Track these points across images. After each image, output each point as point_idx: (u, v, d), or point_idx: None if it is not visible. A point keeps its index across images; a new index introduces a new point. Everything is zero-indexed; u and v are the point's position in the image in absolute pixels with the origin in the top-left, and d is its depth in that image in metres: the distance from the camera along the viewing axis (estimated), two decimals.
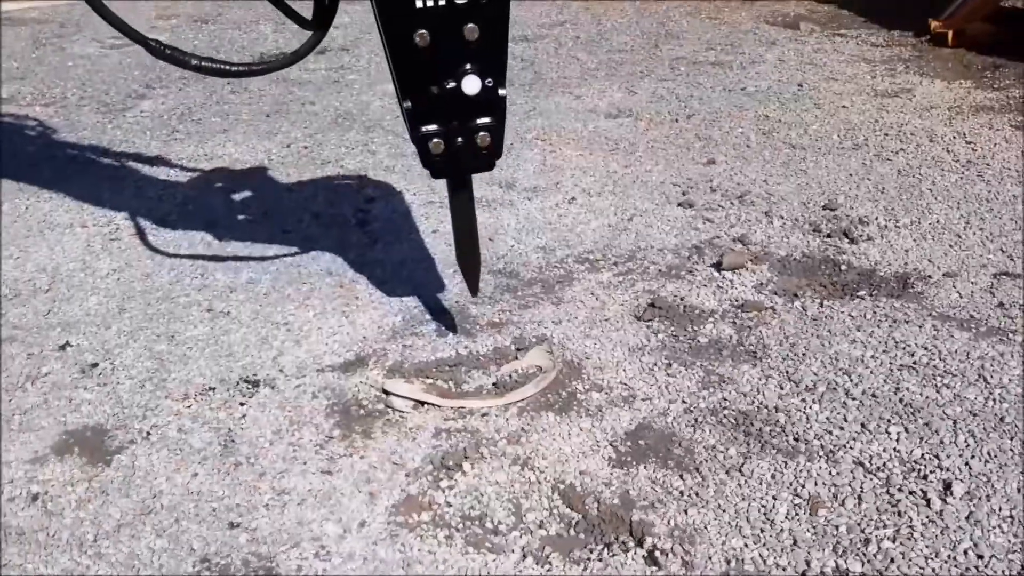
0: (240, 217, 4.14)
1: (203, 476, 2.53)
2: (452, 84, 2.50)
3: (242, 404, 2.83)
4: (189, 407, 2.83)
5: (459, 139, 2.61)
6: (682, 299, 3.34)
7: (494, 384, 2.90)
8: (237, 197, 4.34)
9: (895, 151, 4.73)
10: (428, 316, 3.29)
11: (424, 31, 2.42)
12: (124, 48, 6.97)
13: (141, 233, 3.93)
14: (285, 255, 3.75)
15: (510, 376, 2.91)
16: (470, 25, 2.43)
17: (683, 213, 4.07)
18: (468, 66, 2.49)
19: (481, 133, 2.61)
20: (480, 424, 2.70)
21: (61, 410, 2.82)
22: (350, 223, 4.07)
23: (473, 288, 3.11)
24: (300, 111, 5.59)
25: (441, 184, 4.35)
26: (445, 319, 3.26)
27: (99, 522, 2.39)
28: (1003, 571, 2.09)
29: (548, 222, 4.03)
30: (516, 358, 3.03)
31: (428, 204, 4.24)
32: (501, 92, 2.57)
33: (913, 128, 5.05)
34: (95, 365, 3.03)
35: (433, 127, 2.58)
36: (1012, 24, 7.04)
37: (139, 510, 2.41)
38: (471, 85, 2.50)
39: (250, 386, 2.92)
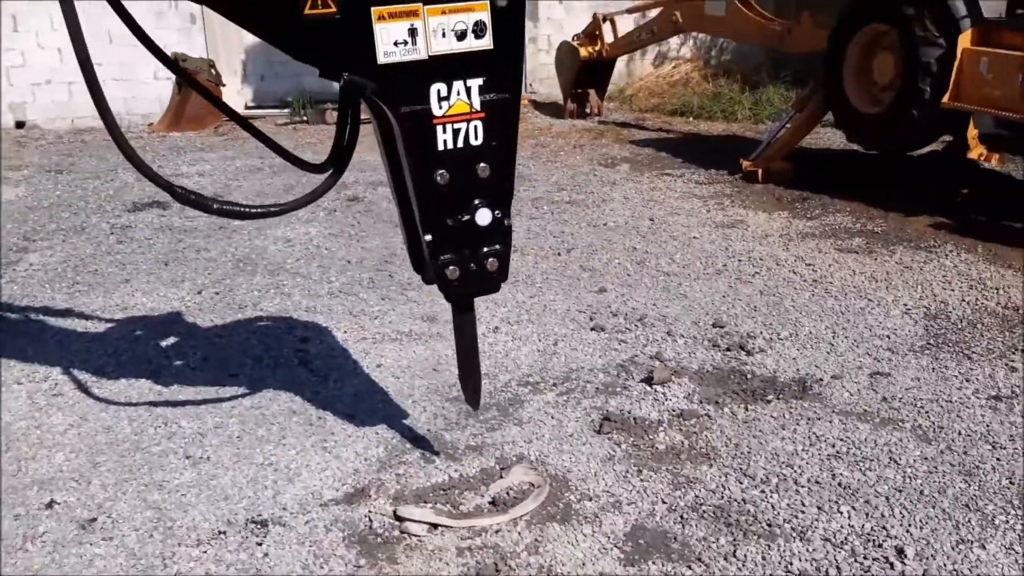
0: (178, 363, 4.20)
1: None
2: (467, 217, 2.85)
3: (259, 544, 2.93)
4: (206, 552, 2.90)
5: (472, 265, 2.94)
6: (629, 413, 3.76)
7: (491, 502, 3.17)
8: (168, 345, 4.40)
9: (751, 274, 5.47)
10: (408, 445, 3.52)
11: (444, 171, 2.77)
12: None
13: (83, 387, 3.92)
14: (241, 397, 3.86)
15: (507, 493, 3.19)
16: (482, 164, 2.81)
17: (598, 336, 4.54)
18: (480, 200, 2.86)
19: (490, 259, 2.96)
20: (497, 540, 2.96)
21: (74, 567, 2.81)
22: (292, 363, 4.24)
23: (475, 402, 3.39)
24: (197, 258, 5.69)
25: (368, 321, 4.65)
26: (425, 446, 3.50)
27: None
28: None
29: (482, 351, 4.33)
30: (501, 476, 3.32)
31: (361, 340, 4.48)
32: (507, 222, 2.94)
33: (759, 254, 5.85)
34: (93, 520, 3.03)
35: (449, 255, 2.91)
36: (806, 162, 8.24)
37: None
38: (483, 217, 2.86)
39: (259, 526, 3.02)
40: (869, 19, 7.22)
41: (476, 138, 2.76)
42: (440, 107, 2.69)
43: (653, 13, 10.34)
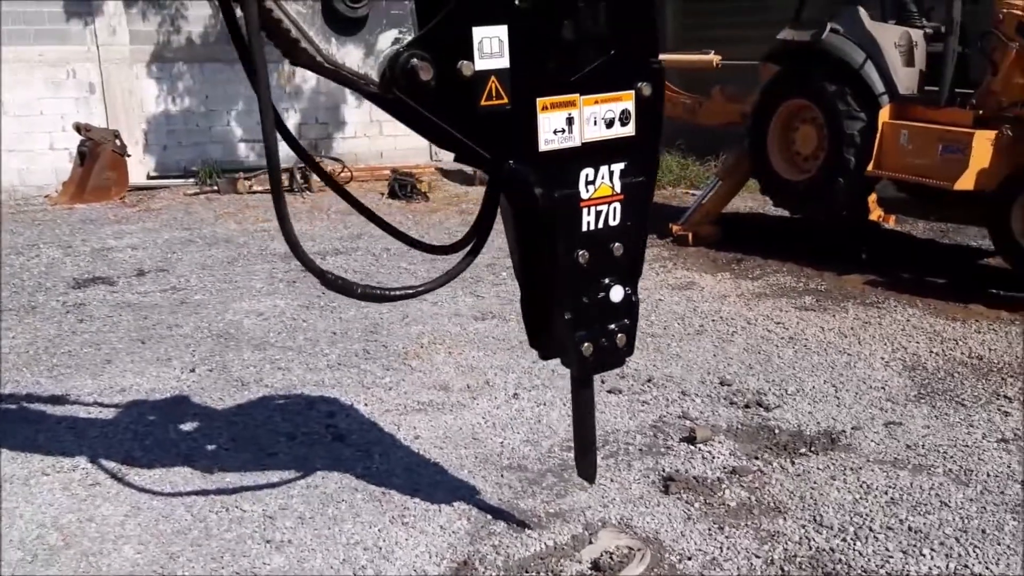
0: (210, 447, 4.01)
1: None
2: (602, 294, 2.93)
3: None
4: None
5: (603, 340, 3.00)
6: (687, 472, 3.87)
7: (595, 567, 3.19)
8: (190, 428, 4.19)
9: (730, 333, 5.73)
10: (488, 516, 3.49)
11: (585, 251, 2.85)
12: None
13: (118, 476, 3.69)
14: (297, 479, 3.73)
15: (610, 558, 3.22)
16: (617, 244, 2.91)
17: (619, 399, 4.65)
18: (613, 278, 2.95)
19: (620, 334, 3.03)
20: None
21: None
22: (327, 439, 4.13)
23: (591, 477, 3.40)
24: (171, 335, 5.45)
25: (384, 393, 4.59)
26: (507, 516, 3.48)
27: None
28: None
29: (512, 418, 4.39)
30: (591, 542, 3.35)
31: (386, 412, 4.41)
32: (635, 298, 3.03)
33: (727, 314, 6.13)
34: None
35: (584, 332, 2.96)
36: (730, 226, 8.70)
37: None
38: (616, 294, 2.95)
39: None
40: (791, 94, 7.78)
41: (614, 219, 2.87)
42: (587, 191, 2.79)
43: None
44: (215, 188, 10.34)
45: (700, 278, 7.13)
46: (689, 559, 3.25)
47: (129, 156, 9.92)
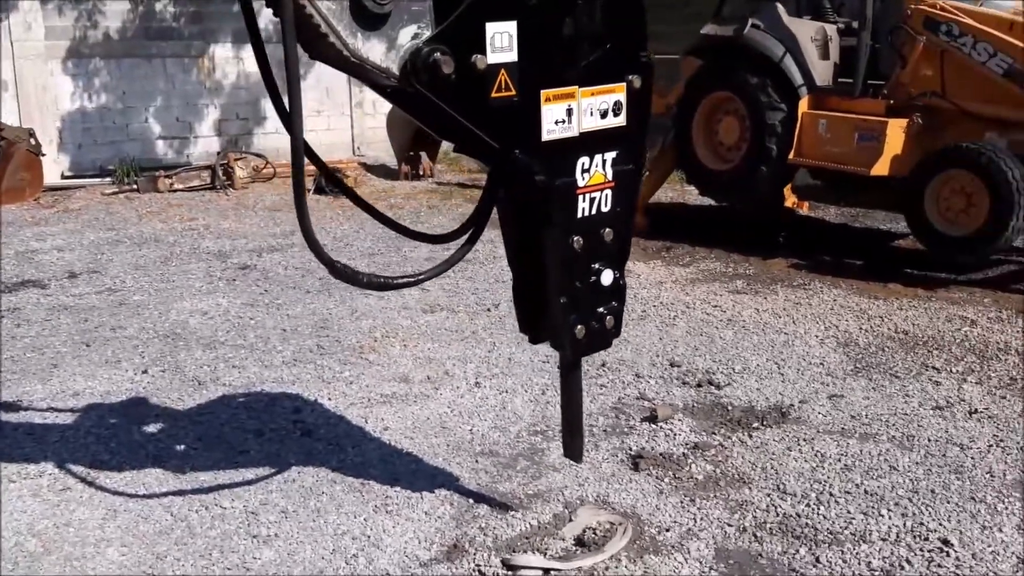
0: (179, 447, 3.98)
1: None
2: (593, 278, 3.04)
3: None
4: None
5: (594, 323, 3.12)
6: (652, 450, 4.02)
7: (579, 543, 3.31)
8: (154, 429, 4.14)
9: (672, 317, 5.93)
10: (470, 501, 3.57)
11: (579, 237, 2.96)
12: None
13: (89, 480, 3.63)
14: (273, 475, 3.74)
15: (594, 533, 3.35)
16: (607, 229, 3.03)
17: None
18: (603, 263, 3.06)
19: (608, 317, 3.15)
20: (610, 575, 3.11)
21: None
22: (296, 434, 4.14)
23: (579, 457, 3.50)
24: (116, 337, 5.34)
25: (345, 387, 4.64)
26: (488, 500, 3.57)
27: None
28: None
29: (477, 406, 4.48)
30: (571, 520, 3.47)
31: (351, 406, 4.44)
32: (622, 281, 3.16)
33: (667, 299, 6.34)
34: None
35: (576, 315, 3.07)
36: (654, 215, 8.93)
37: None
38: (607, 278, 3.06)
39: None
40: (714, 87, 8.06)
41: (606, 205, 2.99)
42: (583, 179, 2.90)
43: None
44: (134, 187, 10.05)
45: (634, 266, 7.31)
46: (667, 531, 3.40)
47: (44, 155, 9.59)
